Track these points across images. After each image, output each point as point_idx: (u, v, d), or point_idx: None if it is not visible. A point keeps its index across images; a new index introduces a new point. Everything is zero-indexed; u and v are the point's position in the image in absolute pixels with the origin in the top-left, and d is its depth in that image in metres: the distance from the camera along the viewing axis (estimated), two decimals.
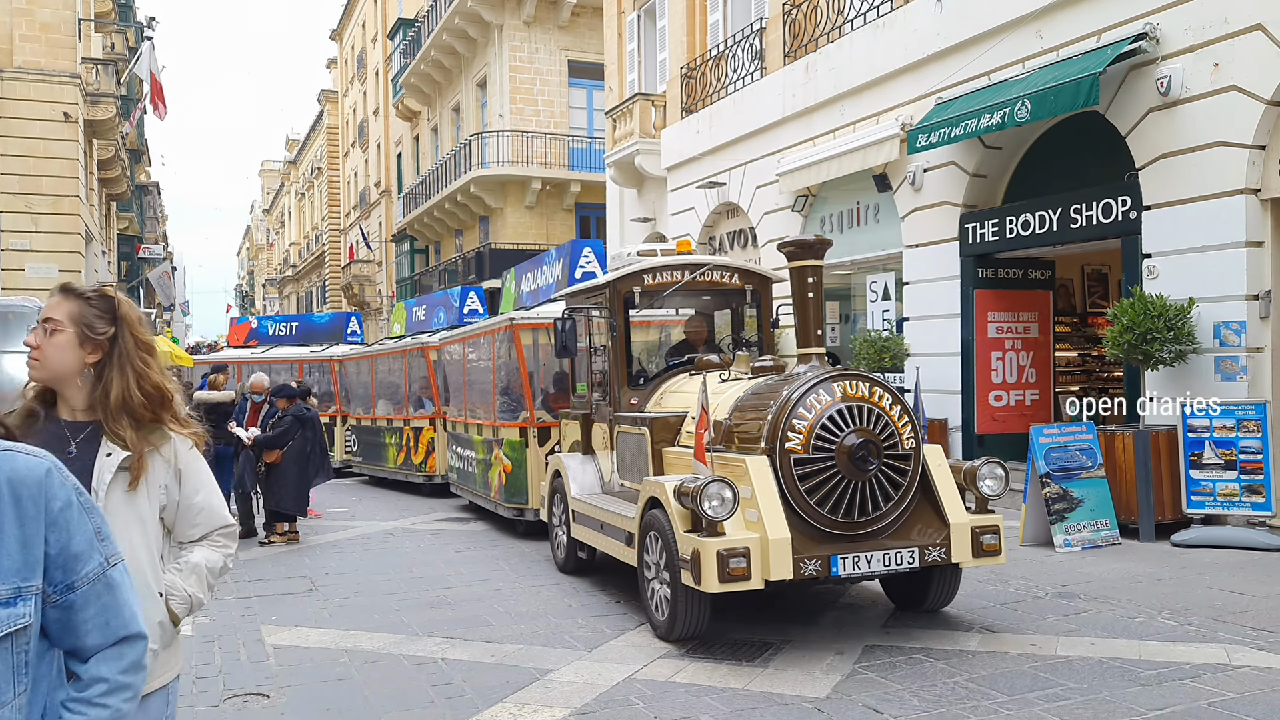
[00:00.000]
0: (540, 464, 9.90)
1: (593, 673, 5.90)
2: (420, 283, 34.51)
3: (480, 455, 11.63)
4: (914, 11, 11.36)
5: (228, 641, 6.87)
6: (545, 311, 10.66)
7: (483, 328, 11.93)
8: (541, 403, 10.65)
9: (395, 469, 15.91)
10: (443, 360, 14.12)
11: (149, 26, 26.01)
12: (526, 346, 10.72)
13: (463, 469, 12.63)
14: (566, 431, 9.07)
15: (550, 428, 10.20)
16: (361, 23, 46.06)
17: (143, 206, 40.02)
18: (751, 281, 8.30)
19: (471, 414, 12.28)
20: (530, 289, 12.40)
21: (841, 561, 5.83)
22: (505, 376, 11.06)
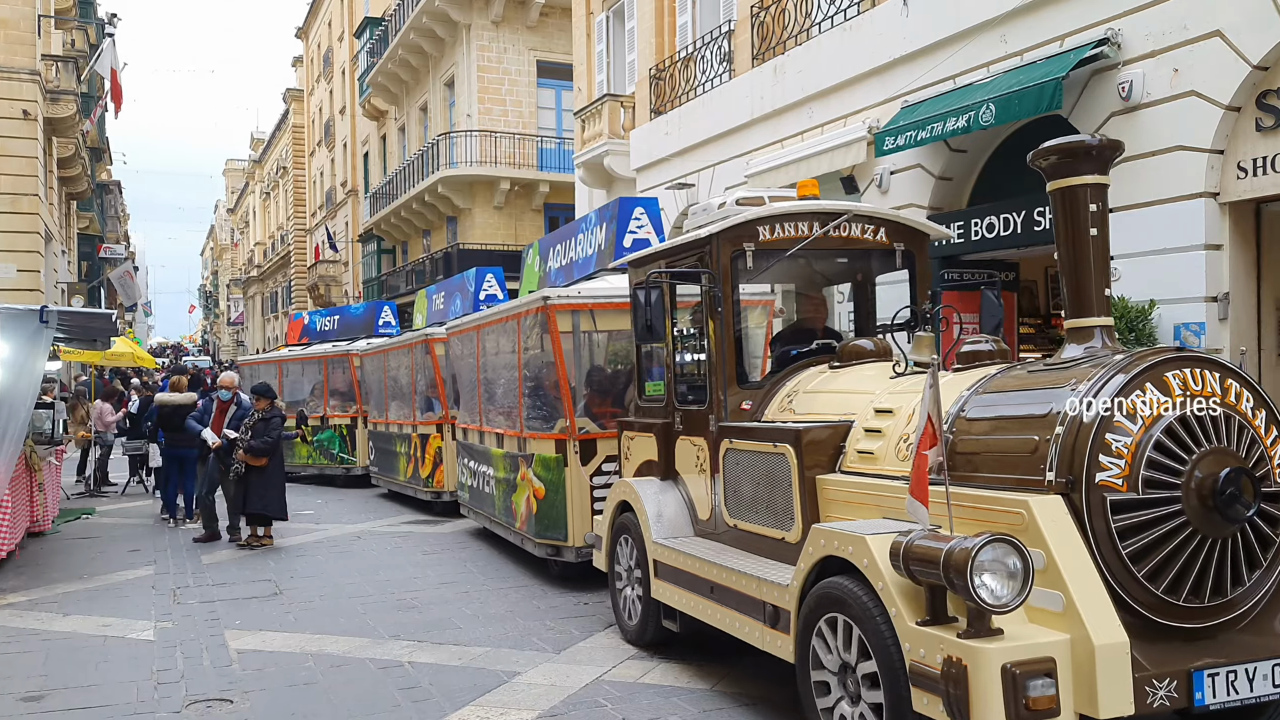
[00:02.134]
0: (583, 489, 7.84)
1: (561, 675, 5.89)
2: (387, 283, 34.27)
3: (501, 473, 9.32)
4: (881, 15, 11.44)
5: (190, 646, 6.78)
6: (593, 289, 8.64)
7: (505, 311, 9.34)
8: (583, 409, 8.41)
9: (406, 482, 13.76)
10: (451, 354, 11.72)
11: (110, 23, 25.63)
12: (565, 335, 8.35)
13: (477, 488, 10.33)
14: (634, 447, 6.75)
15: (595, 441, 7.98)
16: (328, 21, 45.67)
17: (104, 205, 39.42)
18: (903, 238, 6.08)
19: (488, 420, 9.99)
20: (560, 264, 10.07)
21: (1209, 683, 3.60)
22: (535, 373, 8.68)
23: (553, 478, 8.07)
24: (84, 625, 7.45)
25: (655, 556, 6.01)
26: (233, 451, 10.42)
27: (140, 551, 10.52)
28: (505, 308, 9.51)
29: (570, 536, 7.91)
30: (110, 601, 8.22)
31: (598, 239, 9.08)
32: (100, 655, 6.64)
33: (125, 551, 10.53)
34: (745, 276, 5.91)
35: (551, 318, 8.13)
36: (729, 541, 5.55)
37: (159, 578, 9.15)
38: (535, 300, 8.40)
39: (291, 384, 18.32)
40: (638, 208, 8.76)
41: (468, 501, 10.80)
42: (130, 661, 6.47)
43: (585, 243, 9.41)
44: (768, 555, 5.10)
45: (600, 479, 7.84)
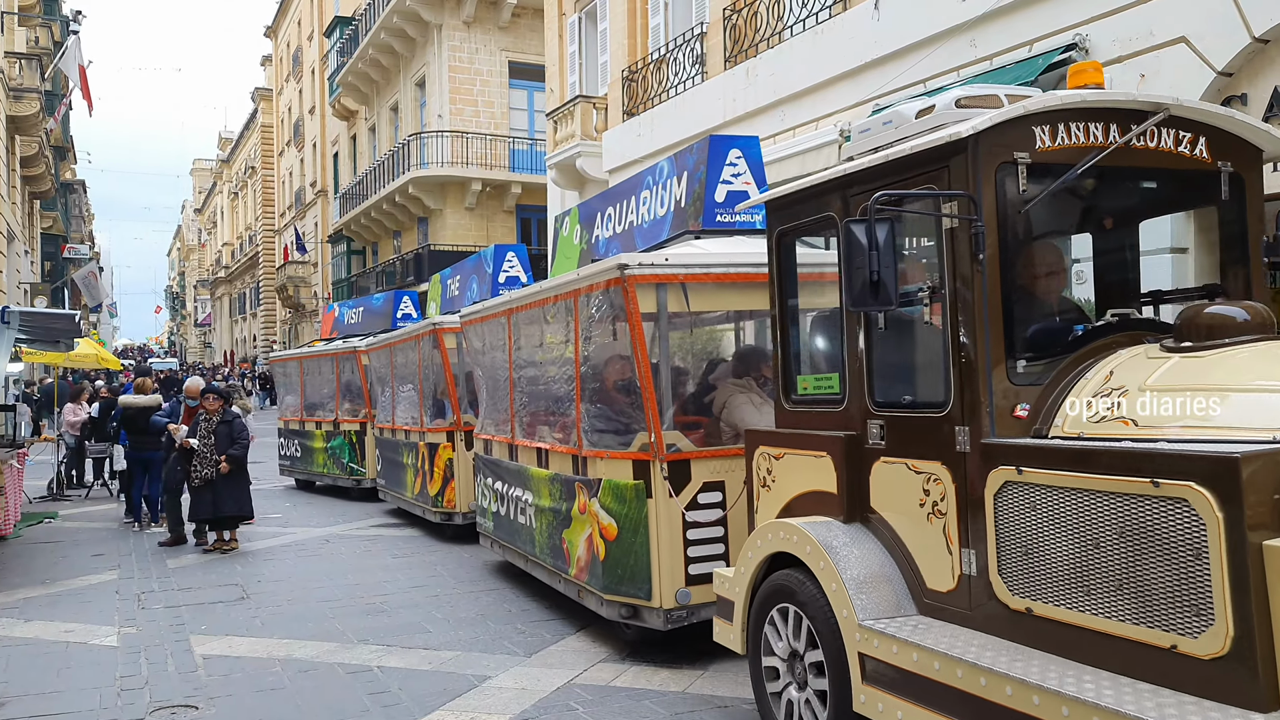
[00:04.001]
0: (674, 528, 5.78)
1: (532, 679, 5.85)
2: (357, 285, 34.05)
3: (545, 501, 7.24)
4: (852, 19, 11.49)
5: (155, 652, 6.68)
6: (684, 256, 6.19)
7: (554, 289, 7.05)
8: (669, 419, 6.16)
9: (413, 499, 11.69)
10: (468, 347, 9.64)
11: (75, 20, 25.31)
12: (647, 319, 6.08)
13: (506, 517, 8.19)
14: (779, 472, 4.74)
15: (689, 462, 5.86)
16: (297, 20, 45.32)
17: (68, 205, 38.91)
18: (1230, 155, 4.06)
19: (525, 431, 7.86)
20: (615, 231, 7.94)
21: None
22: (600, 370, 6.74)
23: (629, 512, 5.94)
24: (46, 631, 7.32)
25: (865, 649, 3.91)
26: (193, 457, 10.30)
27: (104, 556, 10.36)
28: (556, 284, 7.01)
29: (656, 593, 5.78)
30: (73, 607, 8.09)
31: (673, 193, 7.04)
32: (62, 662, 6.53)
33: (88, 556, 10.37)
34: (1009, 207, 3.77)
35: (630, 295, 5.83)
36: (1013, 634, 3.50)
37: (123, 582, 9.02)
38: (604, 271, 6.10)
39: (311, 384, 16.85)
40: (733, 149, 6.65)
41: (491, 531, 8.68)
42: (93, 668, 6.36)
43: (653, 200, 7.31)
44: (1127, 669, 3.08)
45: (697, 514, 5.79)
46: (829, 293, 4.74)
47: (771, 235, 4.84)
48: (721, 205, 6.58)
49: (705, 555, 5.81)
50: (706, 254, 6.26)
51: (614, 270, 5.95)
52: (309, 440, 16.13)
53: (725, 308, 7.06)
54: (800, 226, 4.70)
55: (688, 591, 5.75)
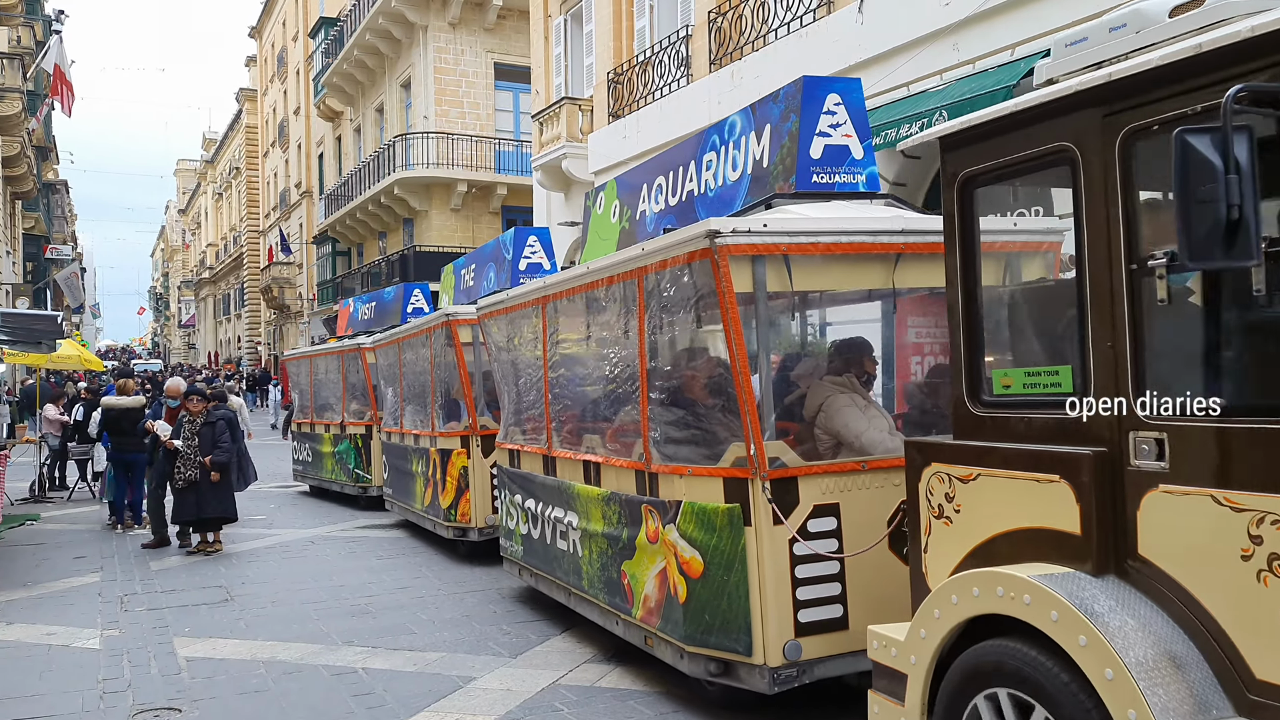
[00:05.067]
0: (780, 565, 4.67)
1: (517, 679, 5.87)
2: (342, 286, 33.95)
3: (597, 526, 6.08)
4: (836, 22, 11.55)
5: (138, 654, 6.65)
6: (782, 220, 5.00)
7: (616, 266, 5.84)
8: (771, 426, 5.00)
9: (422, 512, 10.54)
10: (488, 342, 8.49)
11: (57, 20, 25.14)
12: (743, 298, 4.83)
13: (541, 541, 7.07)
14: (969, 500, 3.56)
15: (796, 480, 4.76)
16: (282, 20, 45.17)
17: (50, 205, 38.65)
18: None
19: (566, 440, 6.85)
20: (666, 206, 6.57)
21: None
22: (675, 366, 5.86)
23: (720, 544, 4.80)
24: (28, 634, 7.28)
25: None
26: (176, 460, 10.26)
27: (86, 558, 10.31)
28: (612, 262, 5.89)
29: (758, 646, 4.65)
30: (55, 609, 8.04)
31: (750, 152, 5.77)
32: (44, 664, 6.50)
33: (71, 558, 10.31)
34: None
35: (723, 270, 4.68)
36: None
37: (106, 585, 8.97)
38: (685, 242, 4.97)
39: (319, 385, 16.05)
40: (831, 94, 5.44)
41: (520, 557, 7.53)
42: (76, 670, 6.34)
43: (721, 163, 6.03)
44: None
45: (808, 546, 4.67)
46: (1039, 257, 4.19)
47: (952, 183, 3.63)
48: (819, 163, 5.32)
49: (817, 598, 4.68)
50: (812, 219, 5.06)
51: (700, 240, 4.78)
52: (318, 444, 15.38)
53: (837, 286, 5.86)
54: (1005, 166, 3.43)
55: (798, 644, 4.60)
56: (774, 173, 5.48)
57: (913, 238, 4.99)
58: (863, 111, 5.55)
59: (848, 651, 4.66)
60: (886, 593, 4.54)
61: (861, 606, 4.69)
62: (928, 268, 5.04)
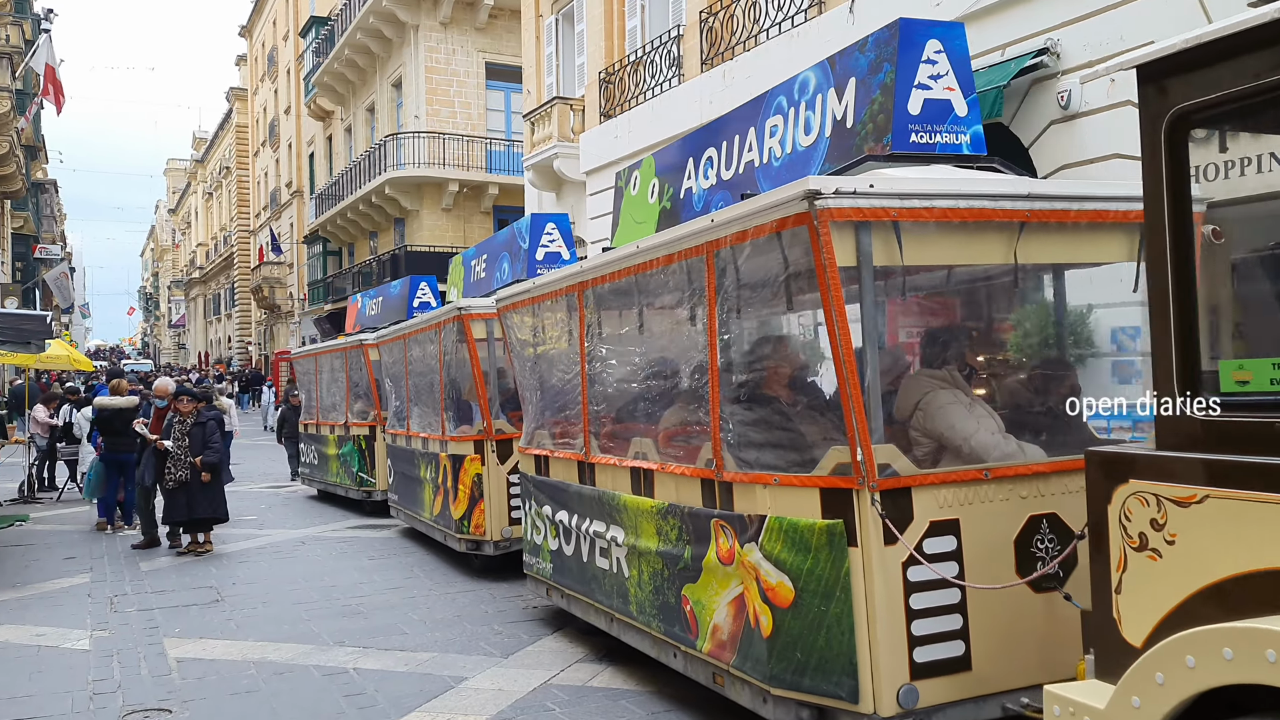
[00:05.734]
0: (893, 591, 3.94)
1: (508, 679, 5.86)
2: (333, 286, 33.87)
3: (649, 543, 5.34)
4: (828, 22, 11.56)
5: (128, 655, 6.63)
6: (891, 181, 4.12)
7: (677, 242, 5.01)
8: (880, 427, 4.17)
9: (432, 521, 9.84)
10: (509, 338, 7.64)
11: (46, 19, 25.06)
12: (846, 275, 4.05)
13: (575, 558, 6.36)
14: (1208, 529, 2.73)
15: (909, 491, 4.02)
16: (273, 19, 45.05)
17: (39, 205, 38.47)
18: None
19: (605, 443, 6.11)
20: (719, 180, 5.87)
21: None
22: (757, 356, 5.13)
23: (817, 567, 4.04)
24: (16, 635, 7.25)
25: None
26: (167, 459, 10.22)
27: (76, 559, 10.27)
28: (672, 238, 5.05)
29: (866, 691, 3.92)
30: (44, 610, 8.01)
31: (830, 111, 4.91)
32: (34, 665, 6.47)
33: (60, 559, 10.27)
34: None
35: (823, 237, 3.87)
36: None
37: (95, 585, 8.94)
38: (774, 206, 4.11)
39: (324, 384, 15.40)
40: (930, 40, 4.65)
41: (549, 575, 6.78)
42: (65, 671, 6.31)
43: (790, 127, 5.24)
44: None
45: (924, 571, 3.90)
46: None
47: (1157, 125, 2.92)
48: (918, 120, 4.54)
49: (936, 633, 3.93)
50: (925, 179, 4.30)
51: (796, 203, 3.93)
52: (323, 446, 14.83)
53: (951, 260, 4.92)
54: (1240, 100, 2.69)
55: (914, 688, 3.88)
56: (861, 133, 4.70)
57: (1040, 204, 4.22)
58: (966, 61, 4.75)
59: (971, 697, 3.95)
60: (1015, 627, 3.97)
61: (986, 643, 3.96)
62: (1055, 240, 4.42)
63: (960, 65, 4.70)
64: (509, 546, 8.44)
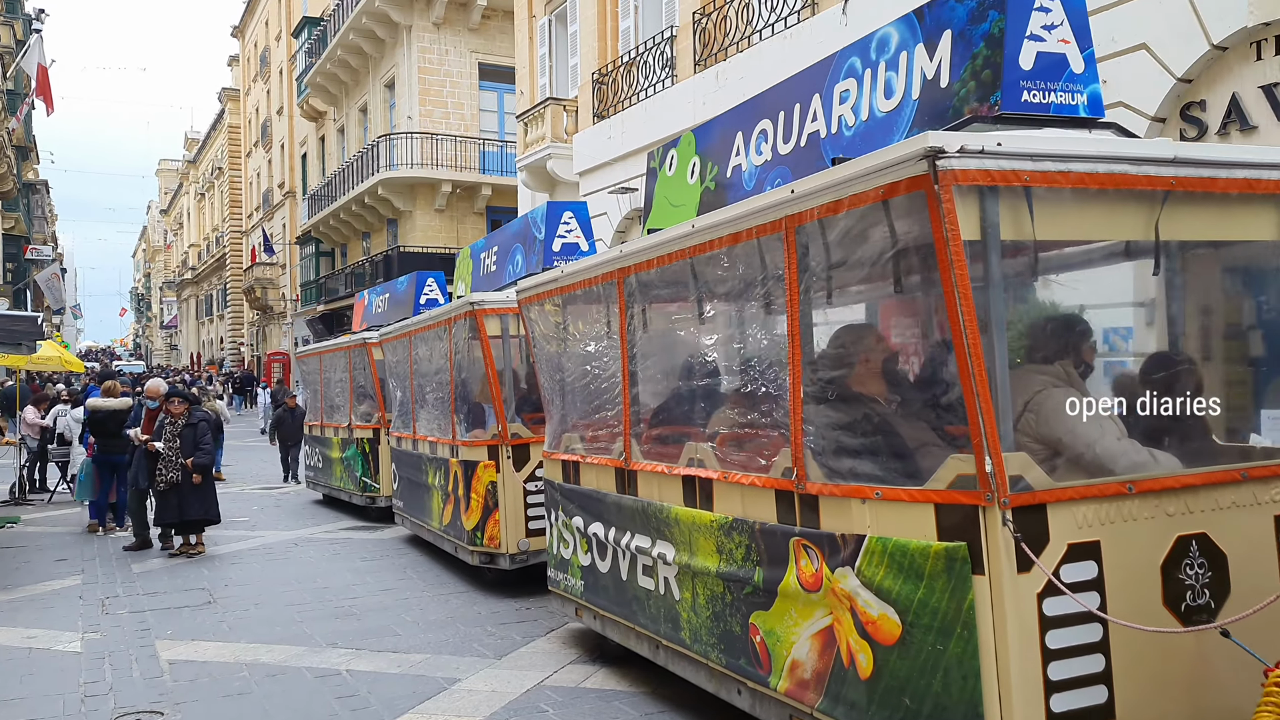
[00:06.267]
0: (1027, 627, 3.27)
1: (502, 681, 5.85)
2: (326, 287, 33.81)
3: (709, 563, 4.71)
4: (821, 23, 11.58)
5: (119, 658, 6.61)
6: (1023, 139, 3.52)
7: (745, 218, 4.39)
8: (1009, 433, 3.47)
9: (440, 531, 9.28)
10: (531, 333, 6.95)
11: (38, 19, 24.95)
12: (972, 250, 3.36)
13: (613, 576, 5.73)
14: None
15: (1044, 509, 3.35)
16: (265, 20, 44.96)
17: (30, 205, 38.35)
18: None
19: (649, 448, 5.52)
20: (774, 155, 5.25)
21: None
22: (853, 345, 4.44)
23: (932, 598, 3.44)
24: (7, 637, 7.22)
25: None
26: (158, 461, 10.19)
27: (67, 561, 10.23)
28: (749, 210, 4.36)
29: None
30: (35, 612, 7.98)
31: (917, 70, 4.29)
32: (25, 668, 6.45)
33: (51, 561, 10.23)
34: None
35: (945, 202, 3.29)
36: None
37: (87, 587, 8.91)
38: (891, 163, 3.47)
39: (328, 384, 14.93)
40: None
41: (580, 594, 6.15)
42: (57, 674, 6.29)
43: (865, 92, 4.60)
44: None
45: (1062, 604, 3.29)
46: None
47: None
48: (1031, 75, 3.94)
49: (1075, 678, 3.30)
50: (1057, 138, 3.74)
51: (912, 163, 3.34)
52: (327, 448, 14.39)
53: (1087, 234, 4.26)
54: None
55: None
56: (960, 93, 4.08)
57: (1186, 169, 3.60)
58: (1082, 10, 4.13)
59: None
60: (1163, 667, 3.37)
61: (1132, 687, 3.34)
62: (1200, 213, 3.80)
63: (1076, 14, 4.09)
64: (526, 560, 7.90)
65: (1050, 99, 3.99)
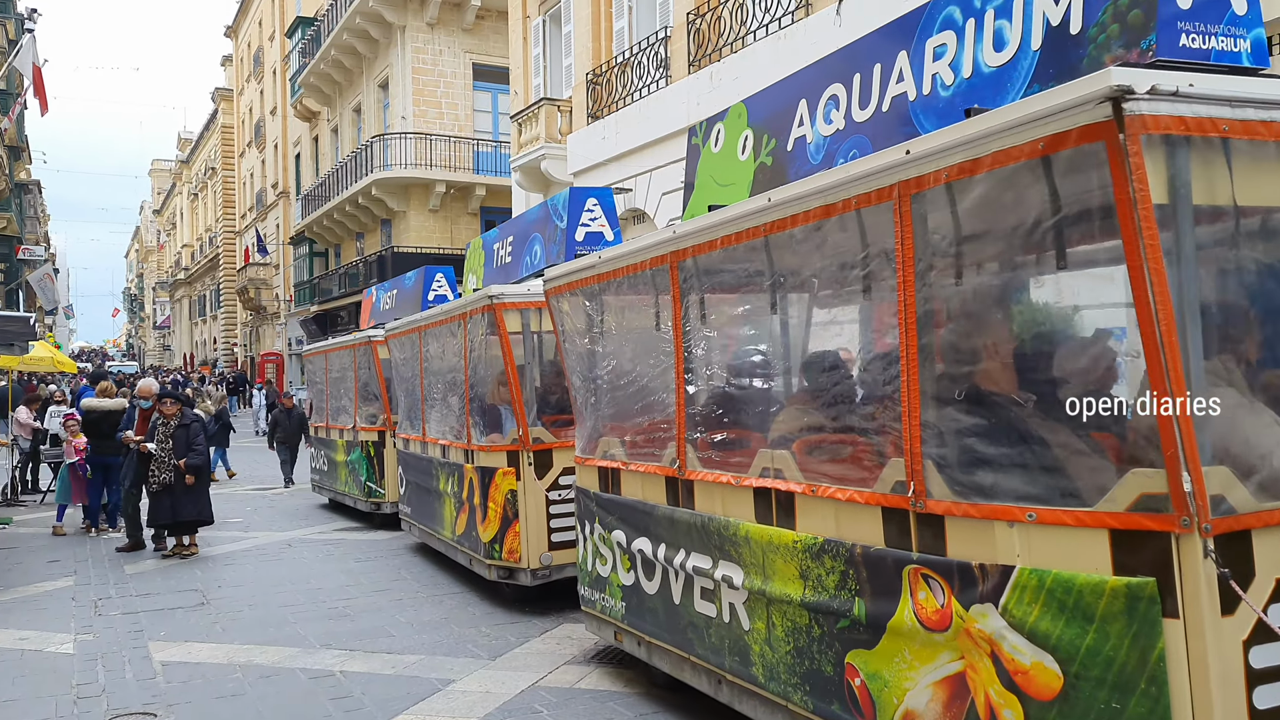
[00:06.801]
0: (1233, 683, 2.66)
1: (496, 681, 5.85)
2: (319, 287, 33.75)
3: (789, 590, 4.07)
4: (815, 24, 11.60)
5: (112, 659, 6.59)
6: (1215, 82, 2.86)
7: (850, 182, 3.67)
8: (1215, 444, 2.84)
9: (452, 541, 8.70)
10: (561, 328, 6.37)
11: (30, 18, 24.87)
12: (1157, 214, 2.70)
13: (660, 597, 5.18)
14: None
15: (1248, 537, 2.75)
16: (258, 20, 44.88)
17: (22, 205, 38.22)
18: None
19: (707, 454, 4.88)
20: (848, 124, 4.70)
21: None
22: (999, 330, 3.68)
23: (1105, 646, 2.83)
24: (0, 639, 7.21)
25: None
26: (151, 462, 10.16)
27: (60, 562, 10.20)
28: (848, 176, 3.72)
29: None
30: (28, 613, 7.95)
31: (1039, 15, 3.70)
32: (17, 669, 6.42)
33: (44, 562, 10.20)
34: None
35: (1133, 155, 2.68)
36: None
37: (79, 589, 8.88)
38: (1068, 107, 2.81)
39: (333, 384, 14.39)
40: None
41: (620, 617, 5.59)
42: (49, 675, 6.26)
43: (969, 45, 3.98)
44: None
45: (1270, 655, 2.74)
46: None
47: None
48: (1188, 16, 3.27)
49: None
50: (1255, 82, 3.03)
51: (1090, 108, 2.72)
52: (332, 451, 13.86)
53: None
54: None
55: None
56: (1099, 39, 3.47)
57: None
58: None
59: None
60: None
61: None
62: None
63: None
64: (548, 575, 7.35)
65: (1210, 44, 3.34)
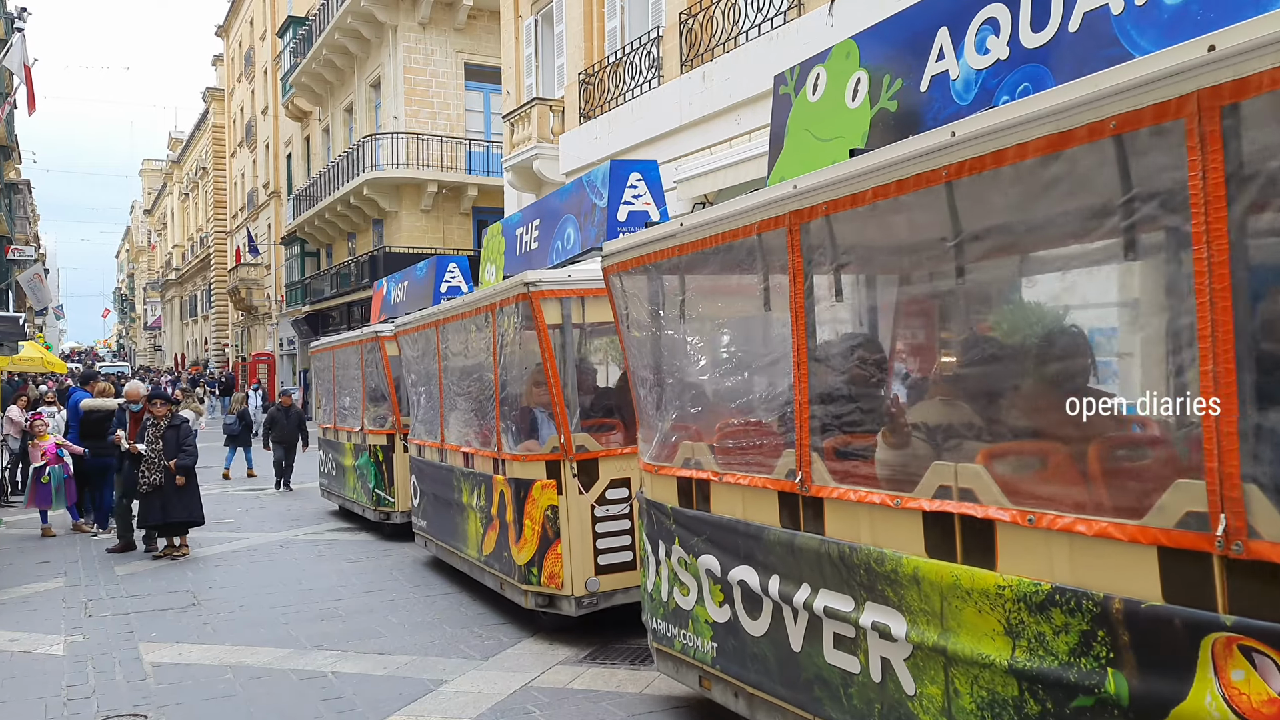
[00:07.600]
0: None
1: (489, 682, 5.84)
2: (311, 287, 33.67)
3: (984, 648, 3.03)
4: (807, 24, 11.60)
5: (102, 661, 6.56)
6: None
7: (1114, 94, 2.53)
8: None
9: (478, 561, 7.73)
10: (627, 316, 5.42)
11: (20, 18, 24.74)
12: None
13: (769, 640, 4.18)
14: None
15: None
16: (249, 19, 44.76)
17: (12, 205, 38.07)
18: None
19: (823, 458, 3.91)
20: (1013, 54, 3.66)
21: None
22: None
23: None
24: None
25: None
26: (140, 463, 10.13)
27: (50, 563, 10.15)
28: (1118, 82, 2.54)
29: None
30: (17, 615, 7.91)
31: None
32: (6, 672, 6.39)
33: (34, 563, 10.15)
34: None
35: None
36: None
37: (70, 590, 8.84)
38: None
39: (341, 383, 13.65)
40: None
41: (710, 661, 4.63)
42: (39, 677, 6.23)
43: None
44: None
45: None
46: None
47: None
48: None
49: None
50: None
51: None
52: (340, 455, 13.09)
53: None
54: None
55: None
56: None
57: None
58: None
59: None
60: None
61: None
62: None
63: None
64: (594, 604, 6.44)
65: None
